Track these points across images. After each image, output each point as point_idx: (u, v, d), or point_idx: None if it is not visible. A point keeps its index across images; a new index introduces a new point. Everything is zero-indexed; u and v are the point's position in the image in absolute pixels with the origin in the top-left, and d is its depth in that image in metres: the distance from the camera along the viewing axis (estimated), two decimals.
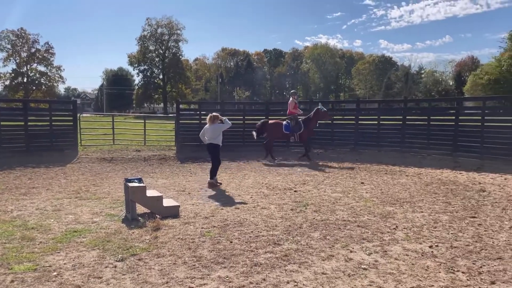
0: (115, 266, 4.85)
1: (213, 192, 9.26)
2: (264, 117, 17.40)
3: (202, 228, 6.40)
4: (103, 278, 4.53)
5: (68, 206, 7.92)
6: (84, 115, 28.30)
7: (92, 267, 4.82)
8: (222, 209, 7.66)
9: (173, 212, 7.11)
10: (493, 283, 4.34)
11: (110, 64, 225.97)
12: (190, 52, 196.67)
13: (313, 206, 7.87)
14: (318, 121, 14.99)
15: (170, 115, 49.87)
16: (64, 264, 4.93)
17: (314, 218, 6.96)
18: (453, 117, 14.65)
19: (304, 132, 14.80)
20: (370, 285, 4.32)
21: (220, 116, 10.15)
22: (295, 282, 4.40)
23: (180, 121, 17.48)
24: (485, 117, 13.65)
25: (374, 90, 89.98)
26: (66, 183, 10.55)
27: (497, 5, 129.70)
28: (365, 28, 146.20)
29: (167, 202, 7.35)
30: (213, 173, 10.06)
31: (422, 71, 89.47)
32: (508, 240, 5.75)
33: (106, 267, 4.83)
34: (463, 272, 4.63)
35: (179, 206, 7.38)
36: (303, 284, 4.34)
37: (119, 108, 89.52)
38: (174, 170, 13.13)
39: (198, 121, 17.64)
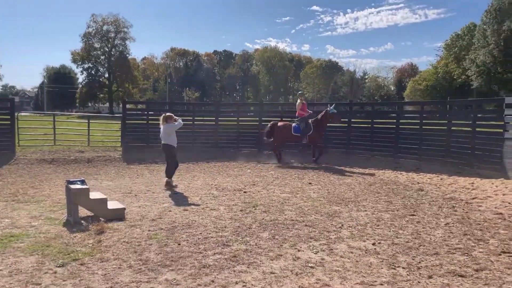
0: (55, 272, 4.61)
1: (161, 194, 9.07)
2: (214, 118, 17.35)
3: (149, 230, 6.24)
4: (42, 284, 4.29)
5: (4, 209, 7.43)
6: (22, 114, 26.70)
7: (30, 273, 4.54)
8: (170, 211, 7.52)
9: (118, 215, 6.88)
10: (430, 277, 4.58)
11: (52, 61, 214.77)
12: (137, 51, 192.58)
13: (262, 206, 7.93)
14: (328, 124, 14.51)
15: (116, 115, 48.33)
16: (0, 270, 4.62)
17: (263, 219, 7.01)
18: (394, 121, 15.41)
19: (314, 134, 14.29)
20: (317, 282, 4.42)
21: (174, 116, 9.99)
22: (244, 282, 4.40)
23: (127, 121, 17.00)
24: (423, 121, 14.45)
25: (321, 94, 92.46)
26: (2, 185, 9.90)
27: (434, 16, 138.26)
28: (313, 33, 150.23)
29: (112, 205, 7.10)
30: (169, 173, 9.88)
31: (366, 76, 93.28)
32: (443, 236, 6.11)
33: (45, 273, 4.58)
34: (403, 268, 4.86)
35: (124, 208, 7.15)
36: (252, 284, 4.35)
37: (61, 107, 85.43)
38: (119, 171, 12.72)
39: (145, 122, 17.25)
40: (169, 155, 9.90)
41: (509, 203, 8.33)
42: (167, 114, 10.02)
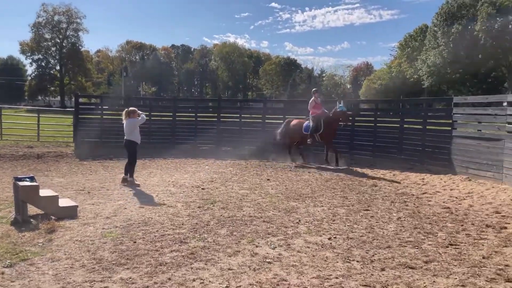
0: (3, 273, 4.37)
1: (116, 191, 8.82)
2: (171, 114, 17.10)
3: (103, 229, 6.05)
4: None
5: None
6: None
7: None
8: (126, 208, 7.33)
9: (70, 213, 6.62)
10: (383, 269, 4.74)
11: None
12: (91, 43, 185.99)
13: (221, 203, 7.90)
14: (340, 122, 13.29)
15: (68, 109, 46.44)
16: None
17: (221, 215, 6.99)
18: (350, 118, 15.80)
19: (325, 133, 13.30)
20: (274, 277, 4.46)
21: (137, 111, 9.66)
22: (201, 279, 4.36)
23: (80, 116, 16.41)
24: (377, 119, 14.93)
25: (280, 91, 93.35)
26: None
27: (389, 16, 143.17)
28: (272, 30, 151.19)
29: (63, 202, 6.82)
30: (129, 171, 9.58)
31: (324, 74, 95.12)
32: (395, 230, 6.35)
33: None
34: (357, 261, 5.00)
35: (77, 206, 6.90)
36: (209, 281, 4.32)
37: (8, 100, 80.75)
38: (72, 168, 12.25)
39: (99, 116, 16.69)
40: (130, 152, 9.60)
41: (456, 197, 8.79)
42: (130, 108, 9.67)
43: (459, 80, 50.20)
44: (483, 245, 5.66)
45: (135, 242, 5.50)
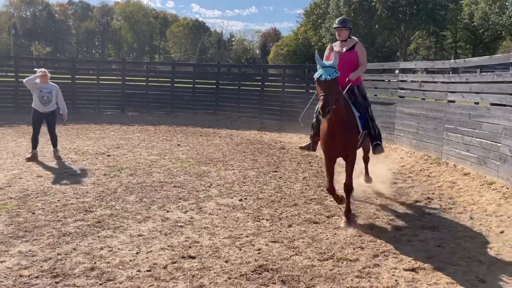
0: None
1: (8, 160, 8.02)
2: (70, 76, 15.82)
3: None
4: None
5: None
6: None
7: None
8: (21, 178, 6.73)
9: None
10: (290, 226, 5.02)
11: None
12: None
13: (129, 169, 7.62)
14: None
15: None
16: None
17: (129, 182, 6.76)
18: (260, 83, 16.10)
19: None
20: (186, 240, 4.48)
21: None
22: (110, 247, 4.22)
23: None
24: (285, 84, 15.37)
25: (188, 54, 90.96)
26: None
27: None
28: None
29: None
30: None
31: (233, 39, 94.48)
32: (301, 189, 6.71)
33: None
34: (267, 220, 5.22)
35: None
36: (118, 248, 4.20)
37: None
38: None
39: None
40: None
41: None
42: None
43: None
44: (376, 199, 6.26)
45: (33, 213, 5.11)
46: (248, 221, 5.15)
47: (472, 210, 5.68)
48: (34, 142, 8.23)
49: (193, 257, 4.06)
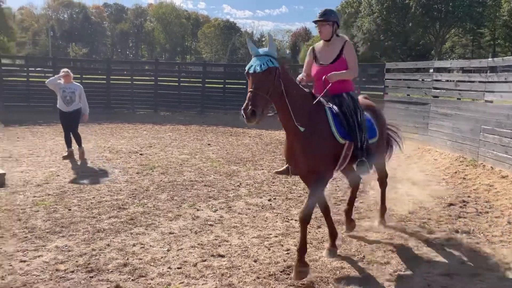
0: None
1: (47, 158, 8.34)
2: (105, 77, 16.27)
3: (34, 197, 5.74)
4: None
5: None
6: None
7: None
8: (58, 175, 6.99)
9: None
10: (319, 227, 4.99)
11: None
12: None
13: (160, 168, 7.77)
14: None
15: None
16: None
17: (161, 180, 6.89)
18: None
19: None
20: (215, 239, 4.53)
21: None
22: (142, 244, 4.33)
23: (4, 78, 15.21)
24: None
25: (219, 55, 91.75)
26: None
27: None
28: None
29: None
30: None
31: (263, 39, 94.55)
32: (330, 191, 6.64)
33: None
34: (295, 220, 5.19)
35: (4, 174, 6.45)
36: (150, 245, 4.30)
37: None
38: None
39: (25, 78, 15.52)
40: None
41: None
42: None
43: (391, 47, 52.26)
44: (408, 202, 6.12)
45: (70, 209, 5.30)
46: (277, 221, 5.15)
47: (510, 214, 5.47)
48: (67, 141, 8.41)
49: (222, 256, 4.10)
